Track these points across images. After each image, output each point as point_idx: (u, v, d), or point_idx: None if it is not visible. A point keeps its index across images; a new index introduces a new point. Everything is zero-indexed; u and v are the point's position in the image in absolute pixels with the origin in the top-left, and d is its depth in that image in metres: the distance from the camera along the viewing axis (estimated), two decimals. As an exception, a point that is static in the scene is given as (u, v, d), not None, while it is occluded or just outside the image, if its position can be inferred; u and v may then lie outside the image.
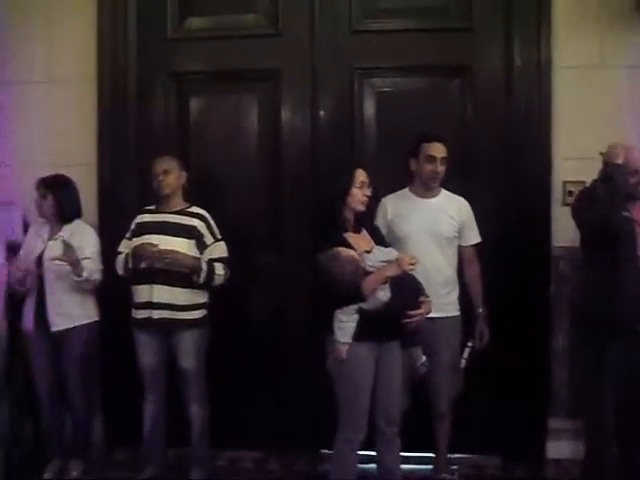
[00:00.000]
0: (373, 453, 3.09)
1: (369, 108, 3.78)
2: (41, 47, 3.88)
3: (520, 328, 3.56)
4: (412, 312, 2.85)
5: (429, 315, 2.94)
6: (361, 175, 2.99)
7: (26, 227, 3.77)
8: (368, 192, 3.00)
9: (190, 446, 3.47)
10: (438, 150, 3.29)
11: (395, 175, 3.43)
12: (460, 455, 3.65)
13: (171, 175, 3.40)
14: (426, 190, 3.34)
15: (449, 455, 3.50)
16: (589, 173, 3.31)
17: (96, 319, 3.55)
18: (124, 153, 3.85)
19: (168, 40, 3.87)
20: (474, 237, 3.41)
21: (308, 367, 3.70)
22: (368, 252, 2.90)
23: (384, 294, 2.80)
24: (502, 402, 3.59)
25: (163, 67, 3.87)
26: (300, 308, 3.75)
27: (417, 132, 3.39)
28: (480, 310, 3.39)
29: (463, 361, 3.30)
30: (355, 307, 2.83)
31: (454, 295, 3.36)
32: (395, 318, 2.84)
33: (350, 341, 2.85)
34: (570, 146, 3.60)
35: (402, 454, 3.11)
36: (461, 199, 3.41)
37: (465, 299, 3.41)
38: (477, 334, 3.38)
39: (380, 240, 3.08)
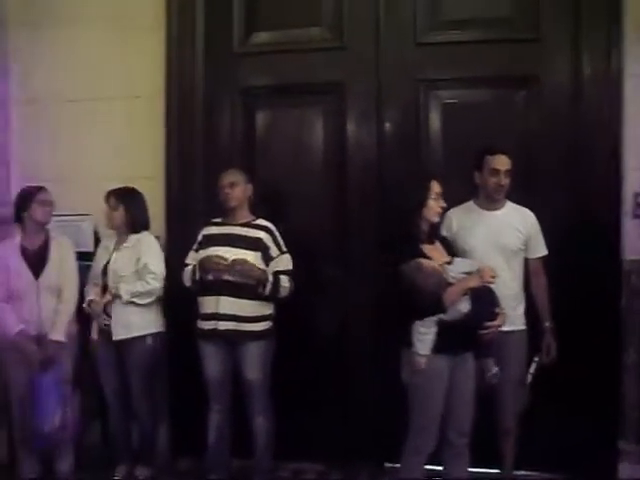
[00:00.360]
0: (439, 468, 3.07)
1: (434, 120, 3.76)
2: (114, 65, 3.99)
3: (590, 343, 3.48)
4: (488, 323, 2.87)
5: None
6: (436, 186, 3.02)
7: (97, 238, 3.89)
8: (443, 203, 3.03)
9: (254, 457, 3.50)
10: (502, 163, 3.25)
11: (460, 187, 3.39)
12: (526, 472, 3.57)
13: (237, 188, 3.44)
14: (491, 202, 3.31)
15: (515, 472, 3.43)
16: None
17: (159, 330, 3.60)
18: (191, 166, 3.91)
19: (234, 55, 3.93)
20: (541, 249, 3.36)
21: (372, 380, 3.74)
22: (449, 263, 2.94)
23: (464, 305, 2.83)
24: (570, 419, 3.51)
25: (229, 82, 3.93)
26: (364, 321, 3.76)
27: (482, 144, 3.36)
28: (547, 324, 3.33)
29: (529, 376, 3.25)
30: (435, 319, 2.85)
31: (521, 308, 3.31)
32: (472, 329, 2.87)
33: (429, 353, 2.87)
34: (640, 157, 3.52)
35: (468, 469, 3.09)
36: (527, 211, 3.36)
37: (531, 312, 3.35)
38: (544, 348, 3.32)
39: (451, 251, 3.10)
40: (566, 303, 3.45)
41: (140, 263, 3.50)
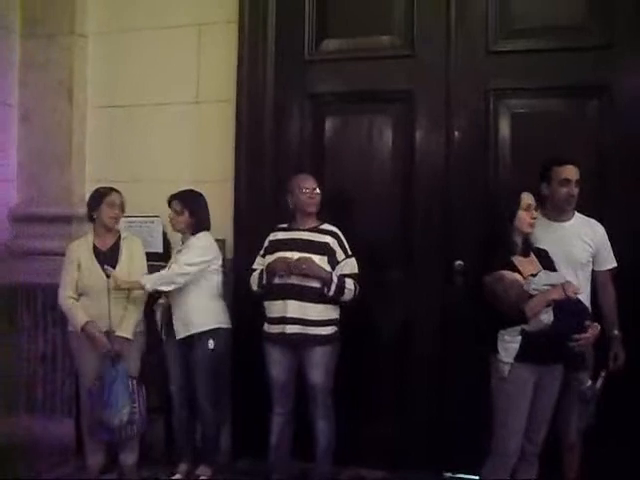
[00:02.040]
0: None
1: (504, 129, 3.73)
2: (185, 70, 4.09)
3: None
4: (578, 336, 2.87)
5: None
6: (528, 198, 3.04)
7: (166, 240, 3.98)
8: (535, 215, 3.04)
9: (314, 461, 3.52)
10: (572, 173, 3.21)
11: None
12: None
13: (319, 193, 3.50)
14: (559, 214, 3.27)
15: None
16: None
17: (221, 326, 3.64)
18: (260, 171, 3.97)
19: (305, 62, 3.98)
20: (610, 262, 3.30)
21: (433, 387, 3.73)
22: (534, 275, 2.94)
23: (547, 317, 2.84)
24: (635, 437, 3.45)
25: (300, 88, 3.98)
26: (429, 328, 3.76)
27: (548, 155, 3.33)
28: (615, 332, 3.27)
29: (597, 390, 3.20)
30: (519, 328, 2.89)
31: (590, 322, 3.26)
32: (558, 341, 2.88)
33: (512, 361, 2.91)
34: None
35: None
36: (595, 222, 3.30)
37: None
38: (611, 356, 3.26)
39: (549, 264, 3.09)
40: (633, 318, 3.39)
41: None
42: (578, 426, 3.25)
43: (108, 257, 3.63)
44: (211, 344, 3.57)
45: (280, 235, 3.52)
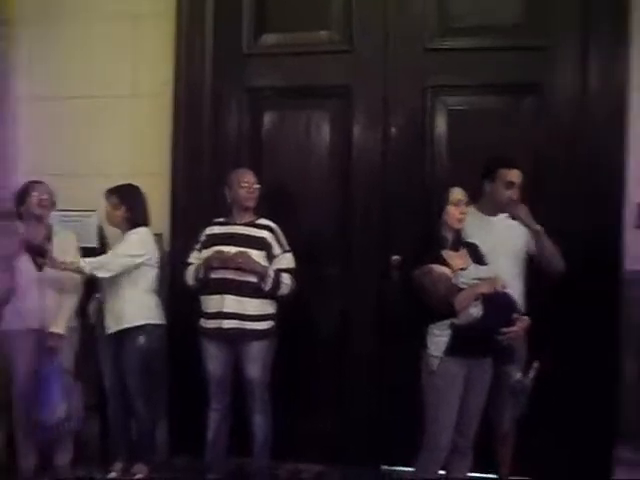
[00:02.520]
0: (442, 472, 3.12)
1: (441, 126, 3.78)
2: (121, 62, 4.01)
3: (589, 352, 3.50)
4: (506, 329, 2.89)
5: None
6: (457, 193, 3.06)
7: (101, 234, 3.91)
8: (465, 210, 3.05)
9: (252, 456, 3.51)
10: (517, 176, 3.27)
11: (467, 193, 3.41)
12: (523, 478, 3.58)
13: (258, 188, 3.49)
14: (495, 210, 3.33)
15: (512, 477, 3.46)
16: None
17: (154, 322, 3.58)
18: (197, 164, 3.93)
19: (243, 56, 3.95)
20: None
21: (372, 382, 3.76)
22: (463, 269, 2.96)
23: (476, 310, 2.86)
24: (568, 427, 3.55)
25: (238, 82, 3.95)
26: (366, 323, 3.78)
27: (490, 152, 3.39)
28: None
29: (528, 382, 3.26)
30: (448, 322, 2.90)
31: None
32: (487, 335, 2.89)
33: (442, 355, 2.92)
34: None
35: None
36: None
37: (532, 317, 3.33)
38: None
39: (479, 258, 3.11)
40: (567, 312, 3.49)
41: None
42: (510, 417, 3.31)
43: (39, 251, 3.52)
44: (142, 340, 3.52)
45: (217, 229, 3.50)
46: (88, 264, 3.45)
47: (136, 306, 3.54)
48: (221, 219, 3.53)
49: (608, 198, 3.56)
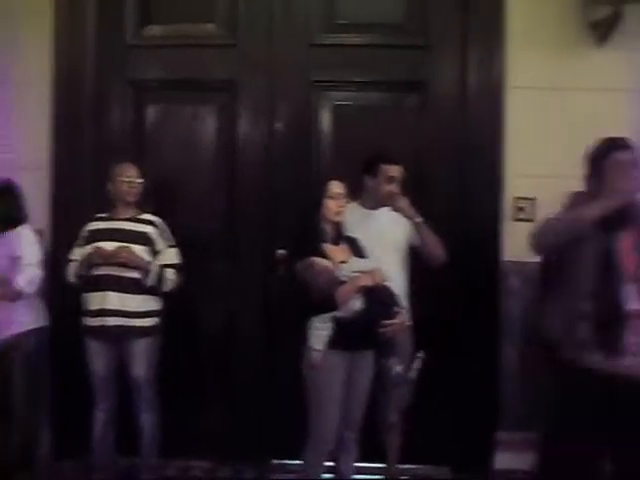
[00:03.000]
0: (331, 464, 3.16)
1: (326, 121, 3.81)
2: (3, 53, 3.82)
3: (470, 341, 3.62)
4: (386, 322, 2.91)
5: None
6: (335, 187, 3.07)
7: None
8: (343, 203, 3.07)
9: (140, 455, 3.45)
10: (397, 172, 3.32)
11: (351, 187, 3.44)
12: (410, 466, 3.68)
13: (138, 182, 3.42)
14: (377, 204, 3.37)
15: (399, 466, 3.52)
16: (539, 190, 3.56)
17: (38, 326, 3.48)
18: (79, 158, 3.80)
19: (127, 47, 3.86)
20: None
21: (260, 377, 3.75)
22: (344, 263, 2.97)
23: (357, 303, 2.88)
24: (452, 414, 3.66)
25: (121, 74, 3.86)
26: (253, 317, 3.78)
27: (374, 147, 3.43)
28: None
29: (414, 371, 3.33)
30: (329, 315, 2.90)
31: (405, 304, 3.37)
32: (368, 328, 2.91)
33: (323, 348, 2.92)
34: (521, 164, 3.68)
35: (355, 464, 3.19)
36: None
37: (416, 309, 3.40)
38: None
39: (359, 252, 3.14)
40: (448, 302, 3.61)
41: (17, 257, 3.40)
42: (395, 408, 3.36)
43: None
44: (27, 340, 3.41)
45: (99, 225, 3.41)
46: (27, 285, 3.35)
47: (18, 310, 3.41)
48: (104, 214, 3.45)
49: (487, 191, 3.69)
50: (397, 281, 3.27)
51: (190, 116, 3.87)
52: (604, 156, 2.69)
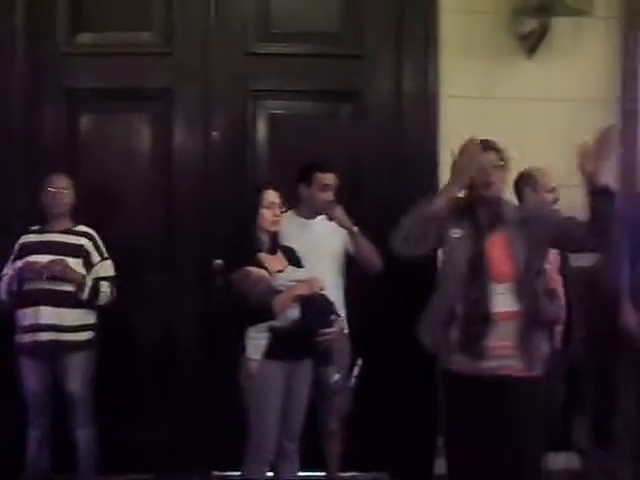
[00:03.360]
0: (271, 474, 3.14)
1: (262, 130, 3.82)
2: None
3: (408, 347, 3.62)
4: (323, 330, 2.92)
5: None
6: (270, 196, 3.06)
7: None
8: (279, 212, 3.07)
9: (77, 472, 3.36)
10: (332, 180, 3.34)
11: (287, 196, 3.44)
12: (351, 473, 3.70)
13: (67, 193, 3.34)
14: (312, 213, 3.39)
15: (340, 474, 3.53)
16: None
17: None
18: (10, 169, 3.70)
19: (60, 55, 3.77)
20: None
21: (199, 387, 3.71)
22: (280, 272, 2.97)
23: (294, 312, 2.88)
24: (391, 420, 3.69)
25: (53, 81, 3.76)
26: (191, 329, 3.74)
27: (309, 156, 3.44)
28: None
29: (353, 379, 3.35)
30: (267, 325, 2.89)
31: (343, 312, 3.38)
32: (306, 336, 2.91)
33: (261, 358, 2.91)
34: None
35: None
36: None
37: (355, 316, 3.44)
38: None
39: (295, 261, 3.14)
40: (385, 310, 3.64)
41: None
42: (335, 416, 3.38)
43: None
44: None
45: (32, 238, 3.33)
46: None
47: None
48: (37, 227, 3.37)
49: (422, 199, 3.71)
50: (334, 289, 3.27)
51: (125, 125, 3.82)
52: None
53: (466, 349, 2.63)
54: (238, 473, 3.16)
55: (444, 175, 3.68)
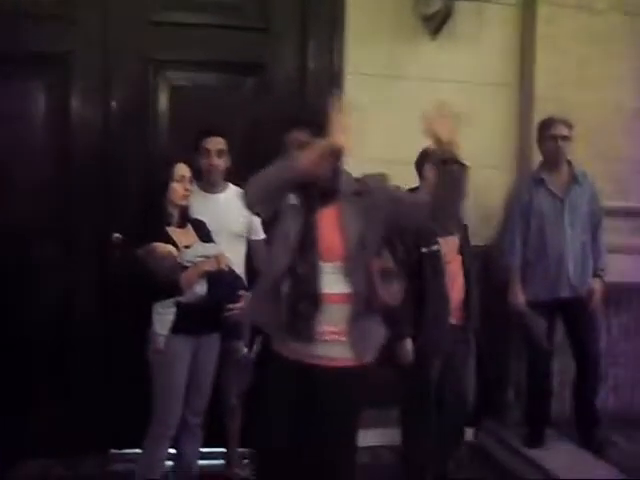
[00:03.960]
0: (173, 451, 3.11)
1: (163, 101, 3.71)
2: None
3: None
4: (231, 306, 2.94)
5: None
6: (181, 169, 3.01)
7: None
8: (189, 186, 3.02)
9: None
10: (214, 143, 3.25)
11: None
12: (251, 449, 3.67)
13: None
14: (212, 185, 3.31)
15: (240, 449, 3.52)
16: None
17: None
18: None
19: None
20: (261, 232, 3.37)
21: (98, 366, 3.62)
22: (188, 247, 2.94)
23: (201, 288, 2.87)
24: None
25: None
26: (89, 304, 3.62)
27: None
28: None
29: (252, 355, 3.35)
30: (173, 300, 2.87)
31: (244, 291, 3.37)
32: (213, 312, 2.92)
33: (167, 333, 2.89)
34: (357, 151, 3.77)
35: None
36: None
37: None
38: None
39: (205, 235, 3.09)
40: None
41: None
42: (237, 392, 3.37)
43: None
44: None
45: None
46: None
47: None
48: None
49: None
50: (239, 266, 3.26)
51: (19, 92, 3.61)
52: None
53: (293, 331, 2.34)
54: (137, 450, 3.11)
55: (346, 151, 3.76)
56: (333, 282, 2.34)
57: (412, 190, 3.29)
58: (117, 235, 3.55)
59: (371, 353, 2.44)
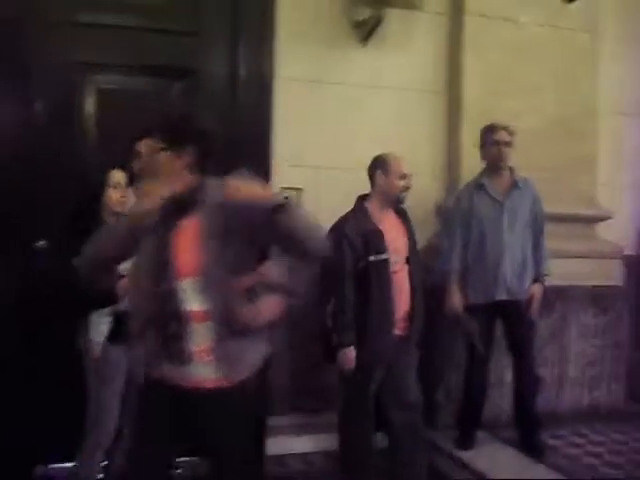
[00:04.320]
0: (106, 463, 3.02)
1: (90, 105, 3.61)
2: None
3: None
4: None
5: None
6: (116, 176, 2.95)
7: None
8: (125, 192, 2.96)
9: None
10: (143, 146, 3.17)
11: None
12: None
13: None
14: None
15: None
16: (305, 180, 3.73)
17: None
18: None
19: None
20: None
21: (19, 380, 3.42)
22: None
23: None
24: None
25: None
26: (8, 316, 3.43)
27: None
28: None
29: None
30: (110, 309, 2.82)
31: None
32: None
33: (104, 341, 2.86)
34: (288, 154, 3.80)
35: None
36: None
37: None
38: None
39: None
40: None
41: None
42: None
43: None
44: None
45: None
46: None
47: None
48: None
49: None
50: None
51: None
52: None
53: (167, 354, 2.19)
54: (66, 465, 3.01)
55: (277, 157, 3.76)
56: (192, 299, 2.18)
57: (363, 197, 3.32)
58: (42, 242, 3.43)
59: (242, 372, 2.24)
